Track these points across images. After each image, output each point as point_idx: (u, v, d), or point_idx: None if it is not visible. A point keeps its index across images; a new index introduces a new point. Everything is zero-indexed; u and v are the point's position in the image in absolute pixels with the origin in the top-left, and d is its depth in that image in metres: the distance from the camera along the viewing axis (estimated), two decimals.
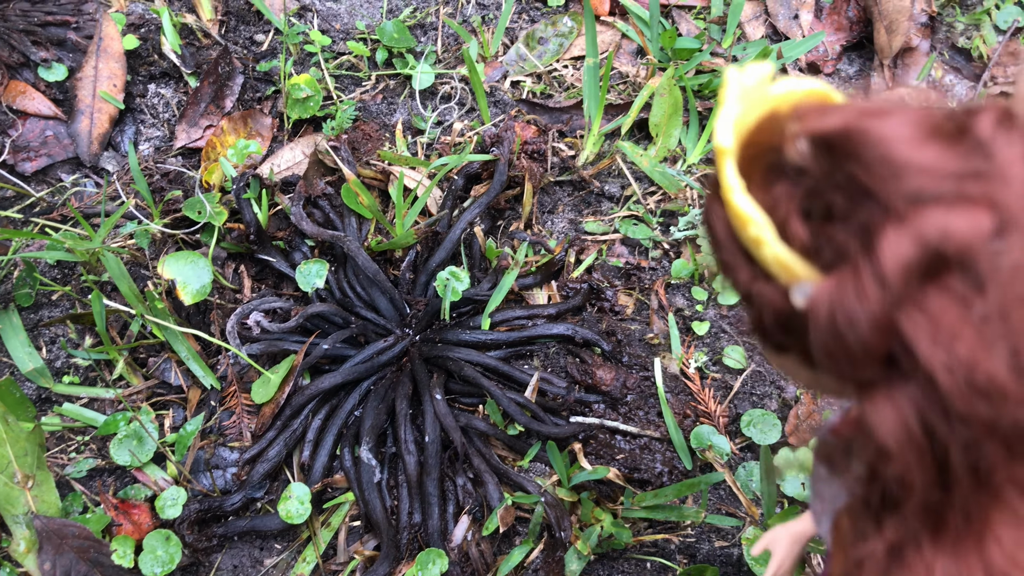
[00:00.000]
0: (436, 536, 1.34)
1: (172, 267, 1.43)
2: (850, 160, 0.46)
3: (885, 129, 0.45)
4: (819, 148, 0.47)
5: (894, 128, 0.45)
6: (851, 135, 0.46)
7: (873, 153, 0.45)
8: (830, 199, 0.47)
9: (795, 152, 0.48)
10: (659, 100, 1.67)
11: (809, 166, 0.48)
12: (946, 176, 0.43)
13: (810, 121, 0.48)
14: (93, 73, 1.67)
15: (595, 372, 1.45)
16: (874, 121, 0.46)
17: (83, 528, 1.28)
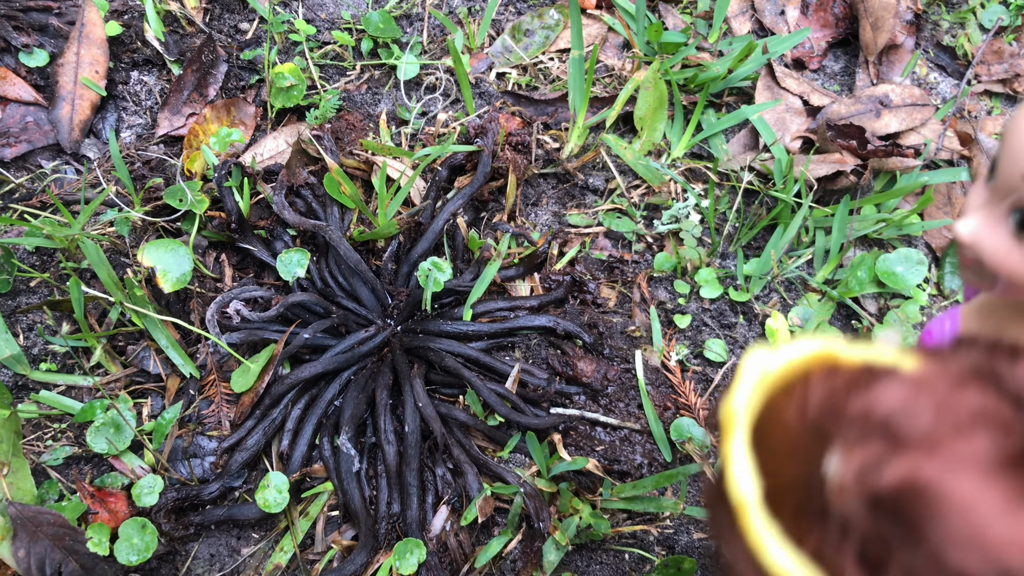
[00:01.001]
0: (414, 526, 1.34)
1: (152, 255, 1.42)
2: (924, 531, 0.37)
3: (963, 493, 0.37)
4: (878, 508, 0.39)
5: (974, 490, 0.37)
6: (920, 499, 0.37)
7: (955, 528, 0.36)
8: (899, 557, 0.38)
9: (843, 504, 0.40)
10: (644, 94, 1.67)
11: (864, 523, 0.39)
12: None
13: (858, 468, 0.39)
14: (75, 59, 1.66)
15: (576, 364, 1.45)
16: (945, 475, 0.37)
17: (58, 516, 1.27)
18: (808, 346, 0.48)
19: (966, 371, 0.42)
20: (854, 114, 1.73)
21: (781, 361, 0.47)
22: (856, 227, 1.61)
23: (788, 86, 1.78)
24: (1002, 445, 0.38)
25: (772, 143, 1.67)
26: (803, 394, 0.45)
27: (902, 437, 0.39)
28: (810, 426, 0.43)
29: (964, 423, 0.39)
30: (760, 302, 1.58)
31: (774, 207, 1.63)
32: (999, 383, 0.41)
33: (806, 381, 0.46)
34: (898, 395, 0.40)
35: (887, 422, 0.40)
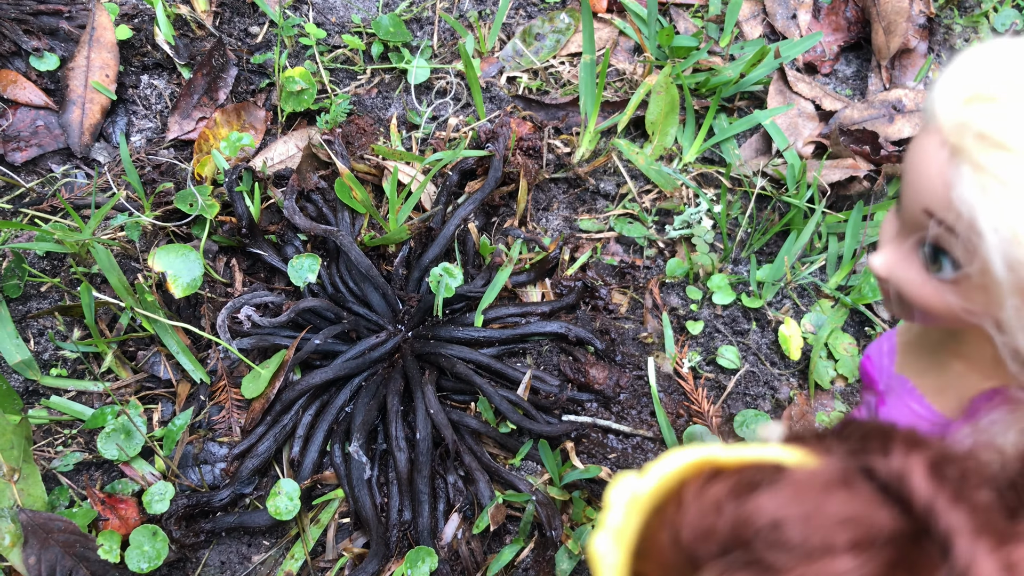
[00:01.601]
0: (426, 534, 1.33)
1: (163, 260, 1.41)
2: None
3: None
4: None
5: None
6: None
7: None
8: None
9: None
10: (656, 98, 1.66)
11: None
12: None
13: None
14: (85, 63, 1.65)
15: (588, 371, 1.44)
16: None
17: (69, 522, 1.26)
18: (681, 458, 0.46)
19: (840, 469, 0.41)
20: (867, 119, 1.72)
21: (652, 481, 0.45)
22: (869, 233, 1.60)
23: (800, 90, 1.77)
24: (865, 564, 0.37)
25: (785, 148, 1.66)
26: (676, 515, 0.43)
27: (769, 565, 0.38)
28: (683, 553, 0.42)
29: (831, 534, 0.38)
30: (773, 308, 1.57)
31: (787, 213, 1.62)
32: (872, 476, 0.41)
33: (679, 499, 0.44)
34: (768, 509, 0.40)
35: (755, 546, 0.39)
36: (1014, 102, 0.48)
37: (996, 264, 0.49)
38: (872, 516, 0.39)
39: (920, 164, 0.54)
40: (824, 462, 0.42)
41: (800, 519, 0.39)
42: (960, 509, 0.38)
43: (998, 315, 0.52)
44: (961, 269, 0.54)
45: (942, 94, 0.52)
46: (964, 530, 0.37)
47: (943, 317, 0.60)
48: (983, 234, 0.49)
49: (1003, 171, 0.48)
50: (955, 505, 0.38)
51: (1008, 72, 0.49)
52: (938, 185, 0.52)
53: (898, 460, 0.40)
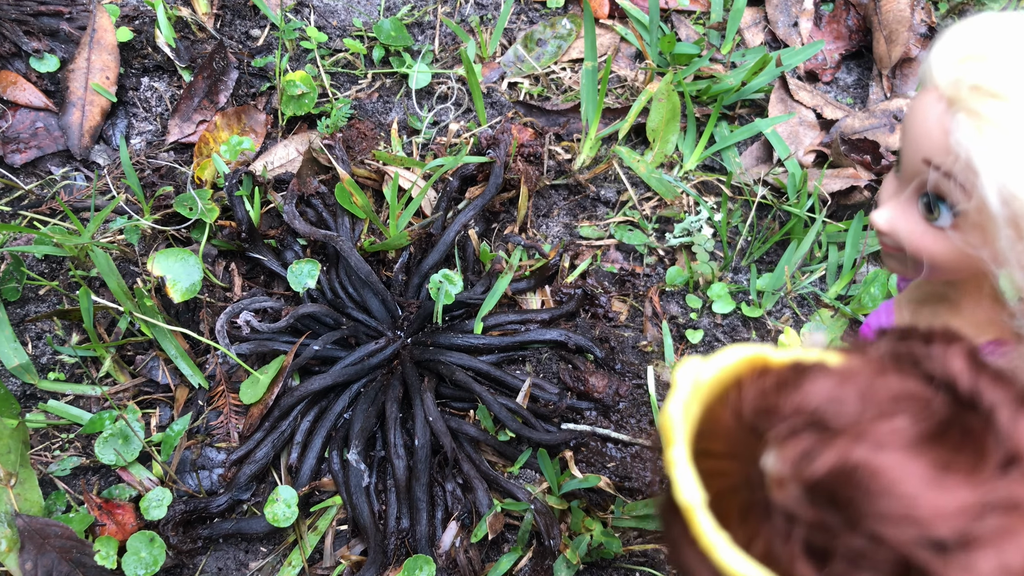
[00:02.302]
0: (424, 542, 1.33)
1: (162, 264, 1.41)
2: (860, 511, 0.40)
3: (891, 469, 0.39)
4: (815, 495, 0.41)
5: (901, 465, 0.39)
6: (852, 481, 0.40)
7: (888, 504, 0.39)
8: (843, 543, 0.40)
9: (782, 497, 0.42)
10: (657, 105, 1.66)
11: (805, 513, 0.41)
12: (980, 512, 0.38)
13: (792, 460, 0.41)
14: (86, 65, 1.65)
15: (588, 379, 1.44)
16: (873, 455, 0.40)
17: (66, 528, 1.26)
18: (738, 352, 0.50)
19: (886, 359, 0.46)
20: (868, 128, 1.72)
21: (713, 369, 0.49)
22: (869, 243, 1.60)
23: (802, 99, 1.77)
24: (921, 423, 0.41)
25: (786, 157, 1.66)
26: (737, 397, 0.47)
27: (831, 426, 0.42)
28: (746, 427, 0.45)
29: (886, 407, 0.42)
30: (772, 318, 1.57)
31: (787, 222, 1.62)
32: (917, 366, 0.45)
33: (739, 385, 0.48)
34: (824, 388, 0.43)
35: (816, 414, 0.42)
36: (1002, 59, 0.57)
37: (991, 199, 0.56)
38: (925, 397, 0.43)
39: (919, 118, 0.62)
40: (870, 355, 0.46)
41: (855, 395, 0.43)
42: (1000, 388, 0.42)
43: (995, 249, 0.59)
44: (958, 214, 0.61)
45: (938, 57, 0.60)
46: (1005, 403, 0.41)
47: (941, 265, 0.66)
48: (979, 172, 0.56)
49: (995, 115, 0.56)
50: (996, 385, 0.42)
51: (995, 37, 0.58)
52: (936, 134, 0.60)
53: (940, 350, 0.44)
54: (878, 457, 0.40)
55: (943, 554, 0.38)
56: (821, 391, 0.43)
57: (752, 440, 0.44)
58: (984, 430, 0.41)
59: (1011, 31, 0.58)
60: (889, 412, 0.41)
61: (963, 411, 0.42)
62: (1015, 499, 0.39)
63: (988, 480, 0.39)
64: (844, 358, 0.48)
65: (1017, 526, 0.38)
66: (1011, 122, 0.55)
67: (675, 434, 0.46)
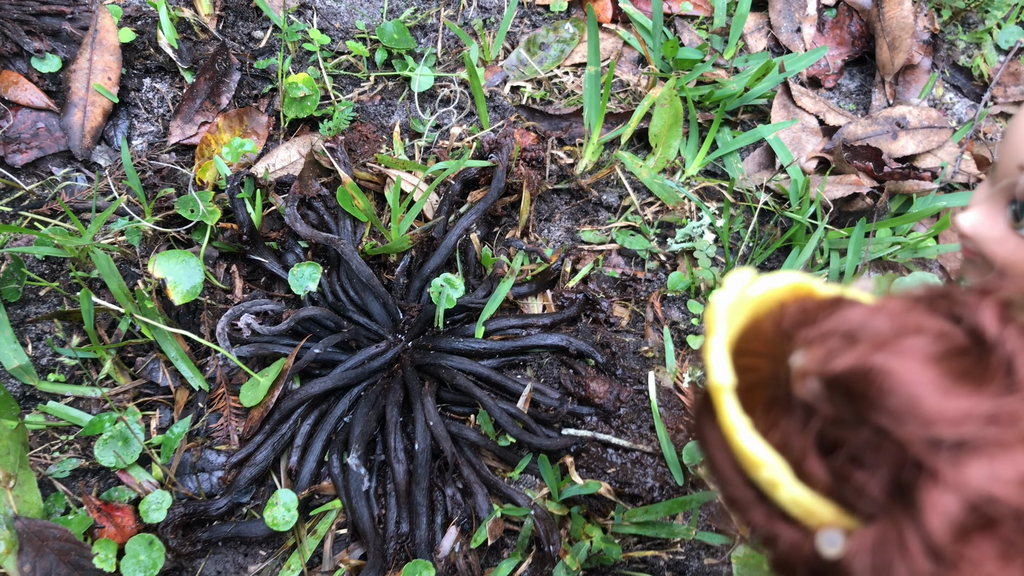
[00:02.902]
0: (423, 547, 1.33)
1: (163, 266, 1.41)
2: (870, 407, 0.43)
3: (905, 372, 0.42)
4: (833, 390, 0.44)
5: (914, 371, 0.42)
6: (868, 378, 0.43)
7: (897, 402, 0.42)
8: (851, 439, 0.44)
9: (804, 389, 0.45)
10: (660, 110, 1.66)
11: (821, 406, 0.45)
12: (980, 422, 0.41)
13: (818, 357, 0.45)
14: (87, 65, 1.64)
15: (588, 384, 1.44)
16: (890, 360, 0.43)
17: (65, 530, 1.26)
18: (788, 277, 0.54)
19: (921, 301, 0.48)
20: (871, 135, 1.72)
21: (764, 287, 0.53)
22: (871, 250, 1.60)
23: (804, 105, 1.77)
24: (941, 343, 0.44)
25: (789, 164, 1.66)
26: (779, 311, 0.51)
27: (857, 337, 0.45)
28: (783, 334, 0.49)
29: (911, 330, 0.45)
30: None
31: (789, 228, 1.62)
32: (950, 310, 0.47)
33: (783, 303, 0.52)
34: (859, 312, 0.47)
35: (846, 328, 0.46)
36: None
37: None
38: (946, 328, 0.45)
39: (1019, 126, 0.62)
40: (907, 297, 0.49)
41: (887, 320, 0.46)
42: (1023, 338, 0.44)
43: None
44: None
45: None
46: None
47: (1015, 275, 0.66)
48: None
49: None
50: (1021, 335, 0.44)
51: None
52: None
53: (975, 298, 0.46)
54: (894, 361, 0.43)
55: (941, 453, 0.41)
56: (855, 315, 0.46)
57: (786, 344, 0.48)
58: (998, 366, 0.43)
59: None
60: (913, 332, 0.44)
61: (983, 349, 0.45)
62: (1016, 415, 0.41)
63: (993, 395, 0.42)
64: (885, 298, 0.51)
65: (1013, 440, 0.40)
66: None
67: (716, 324, 0.50)
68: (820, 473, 0.45)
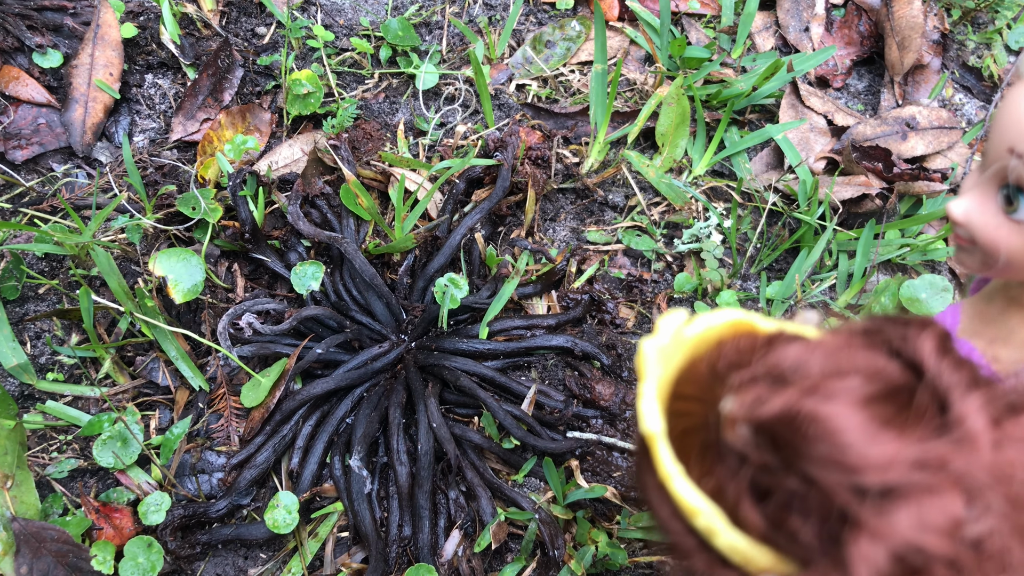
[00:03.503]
0: (426, 551, 1.31)
1: (164, 264, 1.39)
2: (797, 454, 0.42)
3: (831, 418, 0.41)
4: (761, 437, 0.43)
5: (841, 415, 0.41)
6: (794, 425, 0.42)
7: (822, 449, 0.41)
8: (783, 486, 0.43)
9: (733, 436, 0.44)
10: (667, 109, 1.64)
11: (751, 453, 0.44)
12: (908, 467, 0.40)
13: (746, 403, 0.44)
14: (89, 61, 1.63)
15: (594, 386, 1.42)
16: (817, 404, 0.41)
17: (62, 532, 1.24)
18: (727, 315, 0.52)
19: (860, 335, 0.47)
20: (880, 136, 1.70)
21: (700, 326, 0.52)
22: (880, 252, 1.58)
23: (813, 105, 1.75)
24: (872, 385, 0.42)
25: (797, 164, 1.64)
26: (716, 351, 0.50)
27: (787, 380, 0.44)
28: (717, 377, 0.48)
29: (846, 370, 0.44)
30: None
31: (797, 229, 1.60)
32: (889, 345, 0.46)
33: (720, 343, 0.51)
34: (794, 352, 0.46)
35: (777, 370, 0.45)
36: None
37: None
38: (885, 368, 0.44)
39: (1009, 109, 0.61)
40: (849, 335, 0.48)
41: (820, 360, 0.44)
42: (961, 373, 0.43)
43: None
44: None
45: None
46: (961, 387, 0.42)
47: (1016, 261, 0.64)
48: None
49: None
50: (957, 370, 0.43)
51: None
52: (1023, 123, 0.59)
53: (914, 332, 0.45)
54: (821, 406, 0.41)
55: (866, 501, 0.39)
56: (790, 355, 0.45)
57: (719, 388, 0.47)
58: (931, 402, 0.43)
59: None
60: (845, 374, 0.43)
61: (917, 385, 0.44)
62: (943, 460, 0.40)
63: (923, 438, 0.41)
64: (826, 333, 0.50)
65: (941, 486, 0.39)
66: None
67: (646, 369, 0.49)
68: (755, 520, 0.44)
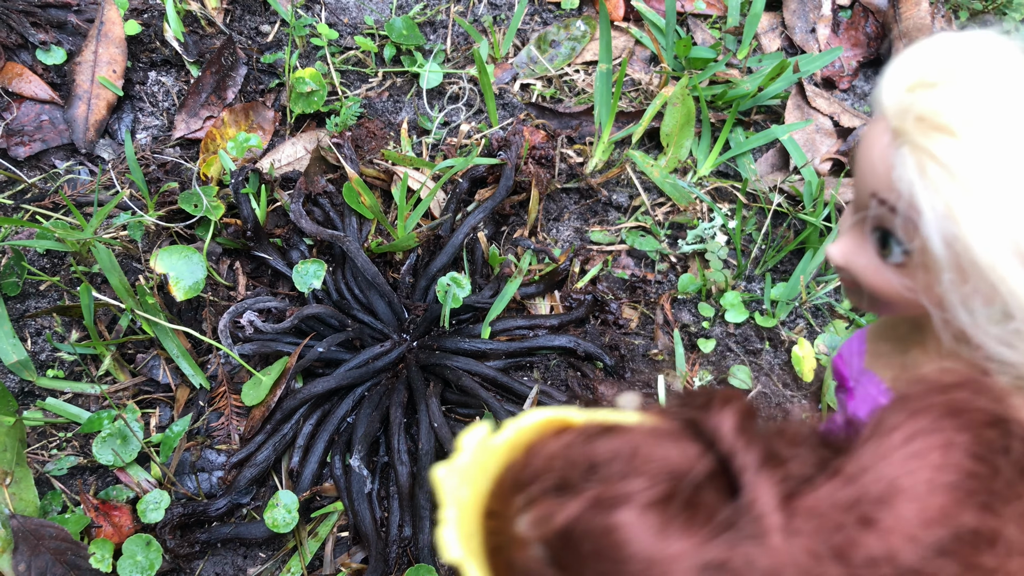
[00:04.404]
0: (427, 551, 1.30)
1: (165, 261, 1.38)
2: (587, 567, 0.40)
3: (614, 528, 0.39)
4: (552, 555, 0.41)
5: (624, 524, 0.39)
6: (577, 540, 0.40)
7: (605, 566, 0.39)
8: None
9: (525, 558, 0.42)
10: (671, 110, 1.63)
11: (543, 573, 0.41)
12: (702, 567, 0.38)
13: (536, 520, 0.41)
14: (92, 58, 1.62)
15: (597, 387, 1.41)
16: (601, 515, 0.39)
17: (61, 529, 1.23)
18: (538, 415, 0.49)
19: (671, 422, 0.45)
20: None
21: (509, 433, 0.48)
22: None
23: (819, 106, 1.74)
24: (659, 484, 0.40)
25: (803, 165, 1.63)
26: (524, 460, 0.46)
27: (575, 488, 0.41)
28: (519, 488, 0.45)
29: (637, 469, 0.41)
30: (786, 328, 1.54)
31: (802, 230, 1.59)
32: (695, 427, 0.44)
33: (529, 449, 0.47)
34: (600, 450, 0.43)
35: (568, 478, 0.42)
36: (952, 87, 0.51)
37: (934, 240, 0.51)
38: (687, 458, 0.42)
39: (867, 149, 0.57)
40: (660, 419, 0.46)
41: (625, 458, 0.42)
42: (752, 450, 0.41)
43: (938, 292, 0.55)
44: (908, 252, 0.57)
45: (888, 83, 0.55)
46: (752, 465, 0.40)
47: (895, 302, 0.62)
48: (922, 211, 0.52)
49: (940, 151, 0.50)
50: (749, 447, 0.41)
51: (949, 61, 0.52)
52: (881, 167, 0.55)
53: (715, 411, 0.43)
54: (603, 517, 0.39)
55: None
56: (595, 454, 0.43)
57: (517, 501, 0.44)
58: (722, 497, 0.41)
59: (969, 55, 0.52)
60: (638, 472, 0.41)
61: (718, 475, 0.42)
62: (723, 560, 0.38)
63: (707, 538, 0.39)
64: (643, 420, 0.47)
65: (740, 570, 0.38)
66: (956, 160, 0.50)
67: (444, 495, 0.46)
68: None
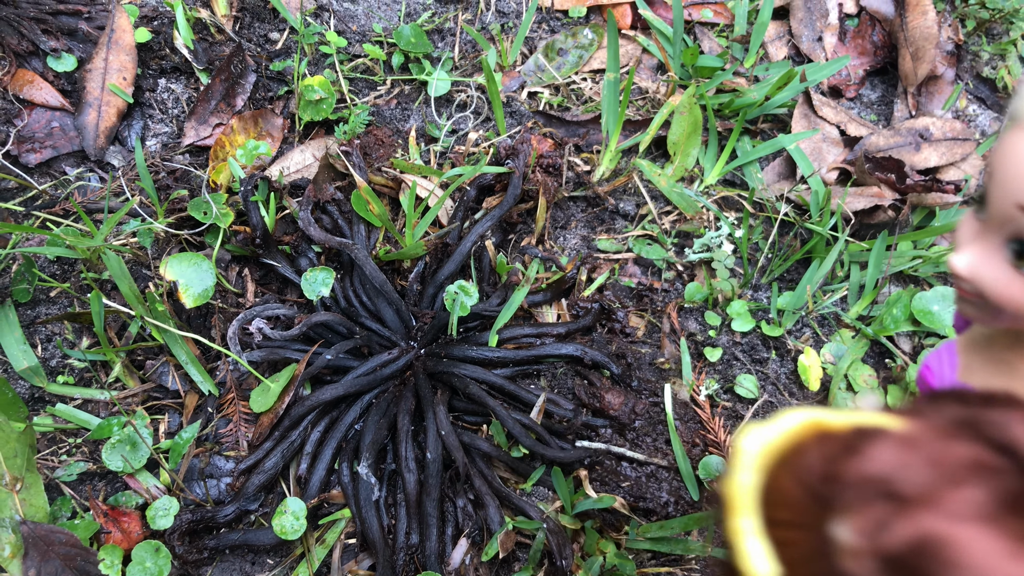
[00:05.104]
0: (433, 559, 1.30)
1: (175, 268, 1.39)
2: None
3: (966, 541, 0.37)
4: (891, 569, 0.39)
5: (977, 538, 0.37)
6: (930, 553, 0.38)
7: None
8: None
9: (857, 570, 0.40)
10: (679, 118, 1.63)
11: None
12: None
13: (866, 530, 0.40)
14: (103, 65, 1.63)
15: (603, 395, 1.42)
16: (945, 526, 0.38)
17: (70, 535, 1.24)
18: (796, 417, 0.49)
19: (950, 425, 0.44)
20: (893, 147, 1.69)
21: (774, 435, 0.48)
22: (892, 263, 1.57)
23: (825, 115, 1.74)
24: (996, 492, 0.39)
25: (810, 174, 1.63)
26: (799, 464, 0.46)
27: (903, 496, 0.40)
28: (812, 495, 0.44)
29: (958, 475, 0.40)
30: (793, 337, 1.54)
31: (809, 239, 1.59)
32: (979, 432, 0.42)
33: (799, 451, 0.47)
34: (891, 455, 0.42)
35: (885, 482, 0.41)
36: None
37: None
38: (991, 461, 0.40)
39: (1013, 159, 0.56)
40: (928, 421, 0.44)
41: (924, 462, 0.41)
42: None
43: None
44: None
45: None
46: None
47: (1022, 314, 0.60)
48: None
49: None
50: None
51: None
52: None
53: (1002, 416, 0.42)
54: (955, 530, 0.37)
55: None
56: (887, 457, 0.42)
57: (818, 508, 0.43)
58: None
59: None
60: (961, 481, 0.40)
61: None
62: None
63: None
64: (904, 423, 0.46)
65: None
66: None
67: (743, 507, 0.45)
68: None
